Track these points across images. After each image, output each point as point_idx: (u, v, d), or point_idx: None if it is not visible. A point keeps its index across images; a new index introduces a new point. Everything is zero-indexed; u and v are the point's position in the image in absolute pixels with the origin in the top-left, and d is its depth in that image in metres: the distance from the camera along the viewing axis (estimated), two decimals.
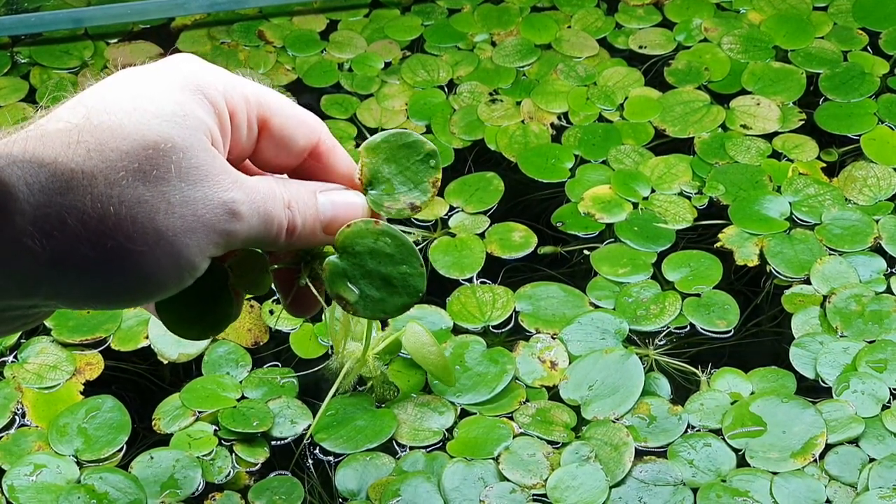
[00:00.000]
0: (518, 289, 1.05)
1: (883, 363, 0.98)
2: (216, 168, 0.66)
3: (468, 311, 1.04)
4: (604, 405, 0.96)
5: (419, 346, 0.96)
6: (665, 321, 1.03)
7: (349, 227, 0.72)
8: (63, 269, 0.63)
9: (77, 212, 0.62)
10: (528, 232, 1.11)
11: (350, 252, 0.72)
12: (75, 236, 0.62)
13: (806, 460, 0.92)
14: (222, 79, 0.69)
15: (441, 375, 0.97)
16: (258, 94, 0.71)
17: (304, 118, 0.73)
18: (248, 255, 0.72)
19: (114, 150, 0.63)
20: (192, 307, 0.72)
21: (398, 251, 0.72)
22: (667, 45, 1.30)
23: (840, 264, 1.06)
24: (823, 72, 1.25)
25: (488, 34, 1.32)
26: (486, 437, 0.95)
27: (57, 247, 0.62)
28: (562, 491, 0.91)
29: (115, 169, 0.62)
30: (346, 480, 0.93)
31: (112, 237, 0.62)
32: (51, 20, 1.29)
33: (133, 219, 0.62)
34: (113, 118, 0.64)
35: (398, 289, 0.73)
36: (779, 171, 1.15)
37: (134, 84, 0.67)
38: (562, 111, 1.23)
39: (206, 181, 0.65)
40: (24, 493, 0.91)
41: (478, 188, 1.15)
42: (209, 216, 0.65)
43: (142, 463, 0.93)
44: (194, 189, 0.64)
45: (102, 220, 0.62)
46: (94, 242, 0.62)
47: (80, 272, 0.63)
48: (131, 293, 0.66)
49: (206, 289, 0.70)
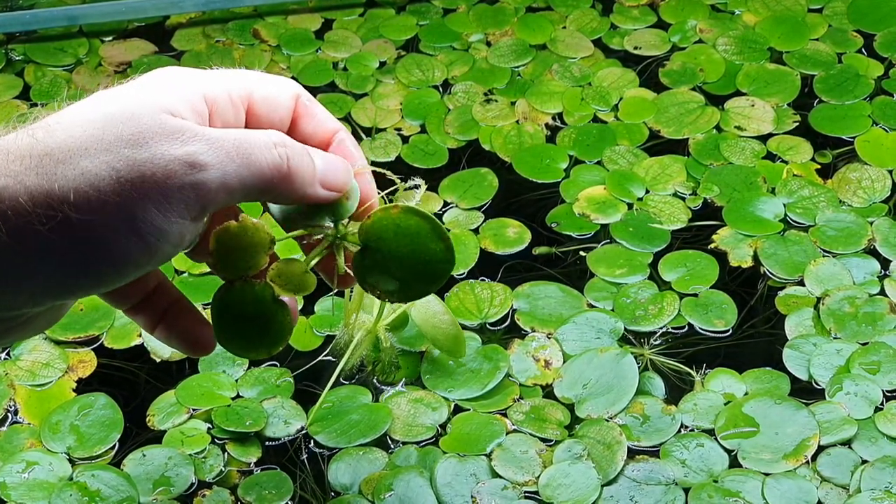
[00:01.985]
0: (517, 287, 1.05)
1: (876, 365, 0.99)
2: (167, 127, 0.64)
3: (466, 307, 1.04)
4: (598, 404, 0.96)
5: (430, 315, 0.95)
6: (664, 321, 1.03)
7: (370, 218, 0.72)
8: (23, 251, 0.62)
9: (26, 190, 0.62)
10: (523, 228, 1.11)
11: (375, 241, 0.73)
12: (28, 213, 0.62)
13: (798, 462, 0.92)
14: (195, 74, 0.70)
15: (452, 346, 0.97)
16: (235, 75, 0.71)
17: (281, 80, 0.74)
18: (284, 262, 0.73)
19: (60, 132, 0.63)
20: (250, 330, 0.74)
21: (422, 229, 0.73)
22: (662, 46, 1.30)
23: (834, 266, 1.06)
24: (818, 74, 1.25)
25: (483, 34, 1.32)
26: (479, 434, 0.95)
27: (11, 226, 0.61)
28: (553, 488, 0.91)
29: (59, 149, 0.63)
30: (339, 474, 0.93)
31: (59, 209, 0.62)
32: (46, 17, 1.29)
33: (76, 190, 0.62)
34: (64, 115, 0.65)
35: (429, 265, 0.73)
36: (773, 172, 1.15)
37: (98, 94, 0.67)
38: (556, 111, 1.23)
39: (155, 140, 0.64)
40: (16, 491, 0.91)
41: (472, 184, 1.15)
42: (162, 173, 0.63)
43: (134, 460, 0.93)
44: (140, 151, 0.63)
45: (48, 196, 0.62)
46: (42, 217, 0.62)
47: (39, 252, 0.62)
48: (97, 269, 0.64)
49: (256, 309, 0.73)
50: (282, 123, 0.73)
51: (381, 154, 1.18)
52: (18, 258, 0.62)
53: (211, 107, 0.69)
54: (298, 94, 0.74)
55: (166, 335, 0.77)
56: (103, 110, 0.65)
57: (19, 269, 0.63)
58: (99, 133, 0.63)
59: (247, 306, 0.73)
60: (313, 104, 0.75)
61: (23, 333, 0.70)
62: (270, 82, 0.73)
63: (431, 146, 1.19)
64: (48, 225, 0.62)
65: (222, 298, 0.74)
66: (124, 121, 0.64)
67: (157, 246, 0.64)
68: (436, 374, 0.99)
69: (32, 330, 0.70)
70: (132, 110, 0.65)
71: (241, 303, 0.73)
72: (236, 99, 0.71)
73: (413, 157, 1.18)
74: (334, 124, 0.76)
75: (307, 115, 0.75)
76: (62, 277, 0.64)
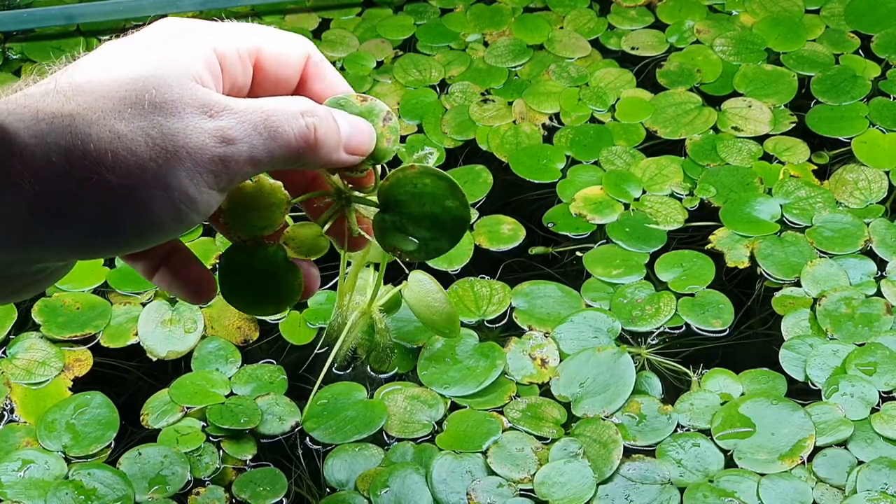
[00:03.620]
0: (516, 286, 1.05)
1: (872, 366, 0.99)
2: (198, 99, 0.65)
3: (465, 304, 1.04)
4: (594, 403, 0.96)
5: (423, 294, 0.95)
6: (661, 321, 1.03)
7: (387, 180, 0.74)
8: (56, 209, 0.63)
9: (60, 149, 0.62)
10: (517, 225, 1.11)
11: (394, 203, 0.74)
12: (61, 173, 0.62)
13: (794, 462, 0.92)
14: (205, 27, 0.70)
15: (446, 326, 0.96)
16: (245, 30, 0.72)
17: (293, 37, 0.74)
18: (298, 225, 0.74)
19: (89, 92, 0.64)
20: (260, 288, 0.75)
21: (438, 188, 0.74)
22: (659, 47, 1.30)
23: (830, 267, 1.06)
24: (815, 74, 1.25)
25: (480, 34, 1.32)
26: (475, 431, 0.95)
27: (44, 185, 0.62)
28: (549, 486, 0.91)
29: (91, 109, 0.63)
30: (335, 471, 0.93)
31: (95, 171, 0.62)
32: (43, 16, 1.29)
33: (114, 153, 0.63)
34: (89, 71, 0.65)
35: (447, 223, 0.75)
36: (770, 173, 1.15)
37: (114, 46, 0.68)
38: (553, 112, 1.23)
39: (186, 112, 0.65)
40: (11, 489, 0.91)
41: (466, 181, 1.15)
42: (193, 145, 0.64)
43: (130, 459, 0.93)
44: (173, 121, 0.64)
45: (84, 156, 0.62)
46: (78, 178, 0.62)
47: (71, 210, 0.63)
48: (126, 231, 0.65)
49: (268, 268, 0.74)
50: (289, 82, 0.74)
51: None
52: (51, 217, 0.63)
53: (221, 62, 0.69)
54: (310, 53, 0.74)
55: (167, 282, 0.77)
56: (132, 72, 0.65)
57: (51, 228, 0.63)
58: (131, 97, 0.64)
59: (259, 265, 0.74)
60: (324, 64, 0.75)
61: (40, 287, 0.71)
62: (282, 40, 0.73)
63: (428, 145, 1.19)
64: (83, 185, 0.63)
65: (232, 256, 0.75)
66: (157, 86, 0.65)
67: (186, 213, 0.66)
68: (432, 370, 0.99)
69: (48, 283, 0.71)
70: (162, 75, 0.65)
71: (253, 262, 0.74)
72: (244, 55, 0.71)
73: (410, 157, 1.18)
74: (344, 87, 0.76)
75: (317, 75, 0.75)
76: (90, 238, 0.65)
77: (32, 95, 0.63)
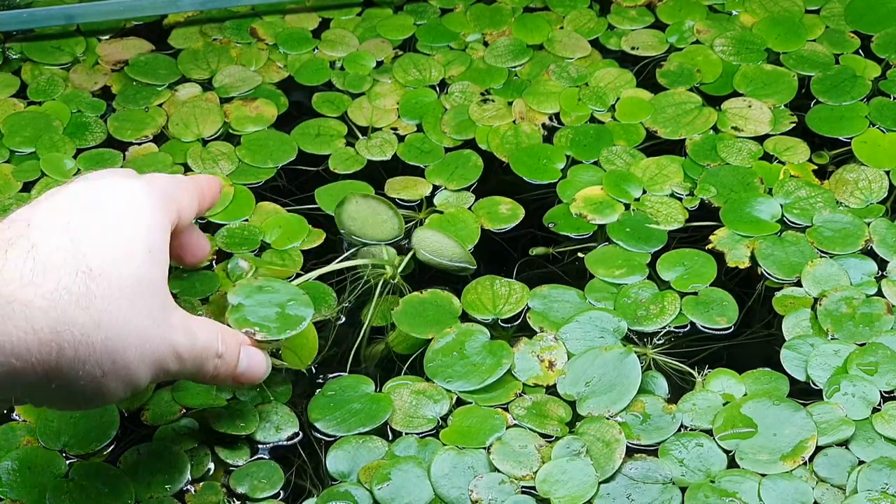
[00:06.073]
0: (535, 287, 1.05)
1: (873, 366, 0.99)
2: (175, 321, 0.80)
3: (481, 301, 1.04)
4: (599, 402, 0.96)
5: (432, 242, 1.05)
6: (665, 321, 1.02)
7: (235, 286, 0.93)
8: (22, 384, 0.74)
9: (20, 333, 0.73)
10: (515, 204, 1.12)
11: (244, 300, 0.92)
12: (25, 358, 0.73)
13: (796, 463, 0.92)
14: (157, 207, 0.83)
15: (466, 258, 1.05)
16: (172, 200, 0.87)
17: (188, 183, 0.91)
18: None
19: (104, 283, 0.76)
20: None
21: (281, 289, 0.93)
22: (659, 47, 1.30)
23: (831, 267, 1.06)
24: (815, 74, 1.25)
25: (480, 34, 1.32)
26: (479, 427, 0.95)
27: (10, 368, 0.72)
28: (551, 484, 0.91)
29: (103, 297, 0.75)
30: (338, 462, 0.93)
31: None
32: (43, 16, 1.29)
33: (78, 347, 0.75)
34: (107, 254, 0.78)
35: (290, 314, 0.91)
36: (770, 173, 1.15)
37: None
38: (553, 112, 1.23)
39: (167, 326, 0.79)
40: (11, 488, 0.91)
41: (457, 166, 1.16)
42: (160, 354, 0.79)
43: (129, 458, 0.93)
44: (160, 331, 0.79)
45: (41, 345, 0.73)
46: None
47: (36, 388, 0.75)
48: (81, 403, 0.80)
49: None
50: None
51: (378, 153, 1.18)
52: (19, 389, 0.75)
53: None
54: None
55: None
56: (137, 272, 0.78)
57: (21, 395, 0.77)
58: (137, 298, 0.77)
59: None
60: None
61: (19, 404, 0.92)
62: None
63: (427, 145, 1.19)
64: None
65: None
66: (152, 293, 0.79)
67: (132, 392, 0.79)
68: (438, 362, 0.99)
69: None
70: (153, 280, 0.79)
71: None
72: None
73: (409, 155, 1.18)
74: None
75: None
76: (46, 402, 0.80)
77: (26, 288, 0.73)
